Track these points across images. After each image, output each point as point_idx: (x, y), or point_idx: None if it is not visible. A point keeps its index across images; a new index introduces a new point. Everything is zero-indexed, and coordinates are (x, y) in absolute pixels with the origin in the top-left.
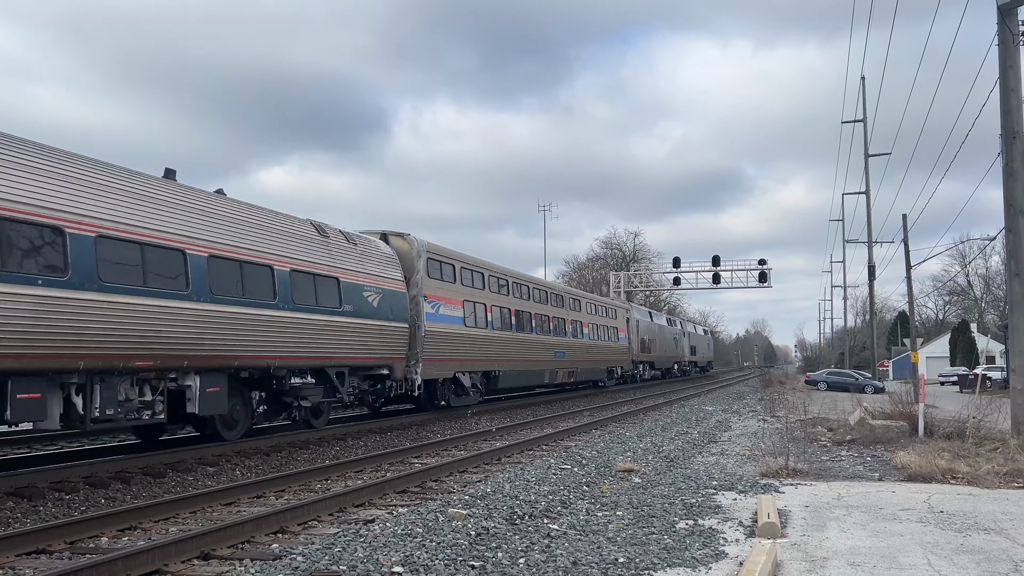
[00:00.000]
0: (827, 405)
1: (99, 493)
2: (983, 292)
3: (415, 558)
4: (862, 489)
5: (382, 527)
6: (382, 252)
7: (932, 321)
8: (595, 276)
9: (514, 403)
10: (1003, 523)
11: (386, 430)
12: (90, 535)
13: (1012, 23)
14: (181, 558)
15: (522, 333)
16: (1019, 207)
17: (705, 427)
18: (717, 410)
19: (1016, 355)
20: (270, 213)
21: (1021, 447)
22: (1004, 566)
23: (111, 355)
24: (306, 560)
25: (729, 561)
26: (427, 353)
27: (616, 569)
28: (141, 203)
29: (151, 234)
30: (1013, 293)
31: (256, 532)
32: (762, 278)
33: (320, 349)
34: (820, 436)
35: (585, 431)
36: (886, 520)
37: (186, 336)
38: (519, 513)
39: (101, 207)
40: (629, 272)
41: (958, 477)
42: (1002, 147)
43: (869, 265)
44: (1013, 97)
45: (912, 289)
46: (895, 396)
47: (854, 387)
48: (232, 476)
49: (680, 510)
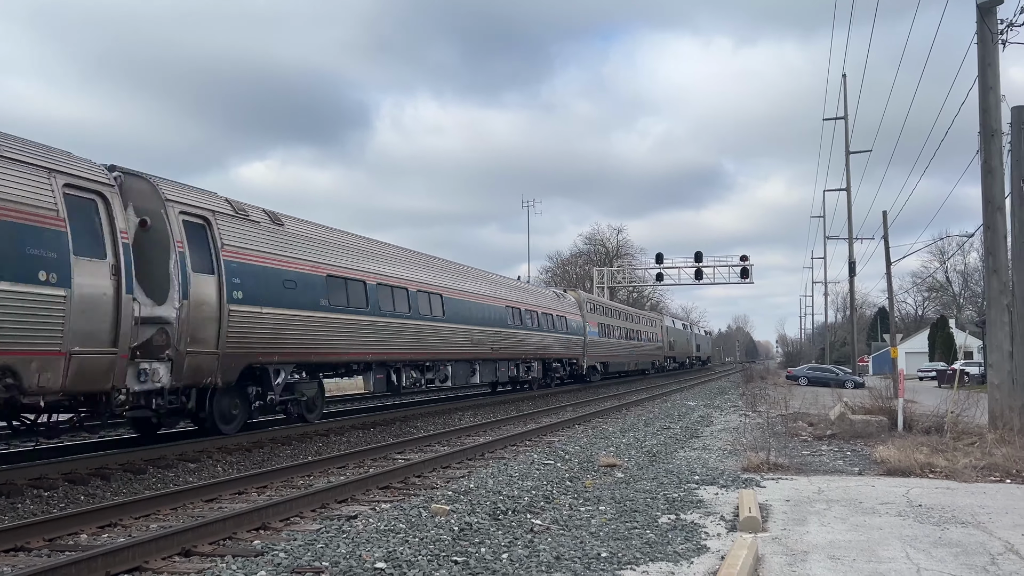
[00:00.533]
0: (808, 400)
1: (79, 490)
2: (961, 288)
3: (398, 554)
4: (842, 483)
5: (365, 523)
6: (568, 300)
7: (911, 317)
8: (578, 272)
9: (517, 395)
10: (980, 516)
11: (369, 426)
12: (69, 532)
13: (991, 22)
14: (162, 555)
15: (625, 340)
16: (997, 204)
17: (687, 422)
18: (699, 405)
19: (993, 351)
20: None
21: (998, 441)
22: (981, 559)
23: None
24: (288, 556)
25: (711, 555)
26: (588, 351)
27: (599, 564)
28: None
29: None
30: (991, 289)
31: (238, 528)
32: (744, 274)
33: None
34: (801, 431)
35: (568, 426)
36: (865, 514)
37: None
38: (502, 508)
39: (415, 273)
40: (612, 268)
41: (936, 471)
42: (981, 145)
43: (850, 261)
44: (992, 95)
45: (892, 285)
46: (875, 391)
47: (834, 382)
48: (214, 472)
49: (662, 505)
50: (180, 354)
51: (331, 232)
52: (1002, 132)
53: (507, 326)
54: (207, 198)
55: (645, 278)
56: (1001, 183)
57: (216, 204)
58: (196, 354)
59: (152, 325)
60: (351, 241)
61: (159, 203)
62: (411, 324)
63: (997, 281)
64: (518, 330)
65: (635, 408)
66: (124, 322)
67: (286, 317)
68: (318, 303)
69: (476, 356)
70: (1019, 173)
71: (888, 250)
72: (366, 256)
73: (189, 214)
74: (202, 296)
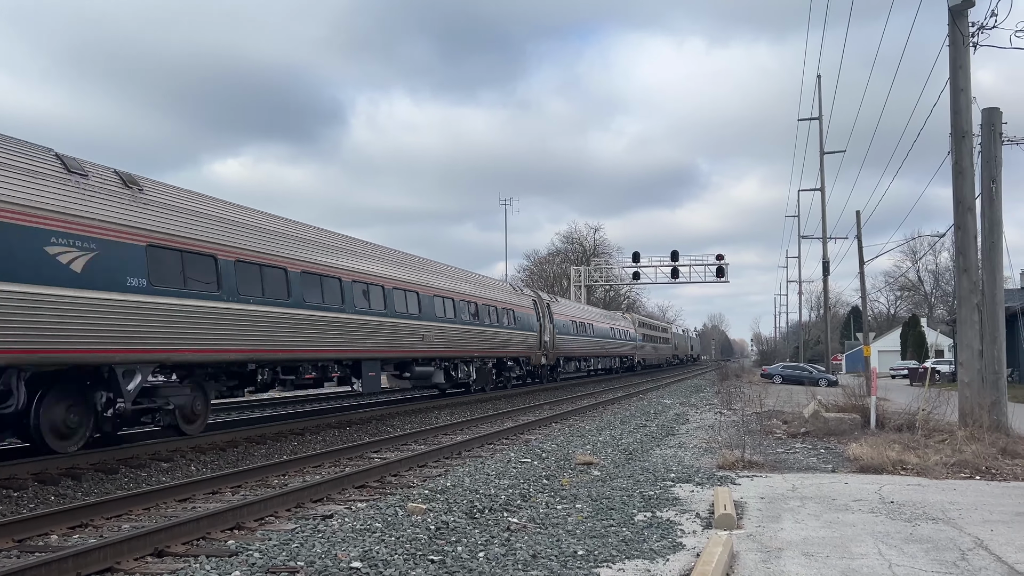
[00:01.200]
0: (782, 398)
1: (49, 490)
2: (933, 287)
3: (374, 553)
4: (816, 480)
5: (340, 522)
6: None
7: (884, 316)
8: (556, 271)
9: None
10: (950, 512)
11: (345, 424)
12: (39, 533)
13: (962, 25)
14: (134, 556)
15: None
16: (968, 204)
17: (663, 420)
18: (675, 403)
19: (964, 349)
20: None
21: (968, 439)
22: (951, 554)
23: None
24: (263, 556)
25: (686, 552)
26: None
27: (575, 562)
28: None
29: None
30: (961, 288)
31: (212, 528)
32: (719, 273)
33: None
34: (775, 429)
35: (545, 424)
36: (839, 511)
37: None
38: (479, 507)
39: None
40: (589, 267)
41: (908, 468)
42: (952, 146)
43: (824, 261)
44: (963, 97)
45: (865, 284)
46: (848, 389)
47: (808, 380)
48: (187, 472)
49: (638, 502)
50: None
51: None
52: (973, 134)
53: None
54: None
55: (622, 277)
56: (972, 184)
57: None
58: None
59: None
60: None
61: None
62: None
63: (967, 280)
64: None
65: (611, 406)
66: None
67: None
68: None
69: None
70: (989, 174)
71: (861, 249)
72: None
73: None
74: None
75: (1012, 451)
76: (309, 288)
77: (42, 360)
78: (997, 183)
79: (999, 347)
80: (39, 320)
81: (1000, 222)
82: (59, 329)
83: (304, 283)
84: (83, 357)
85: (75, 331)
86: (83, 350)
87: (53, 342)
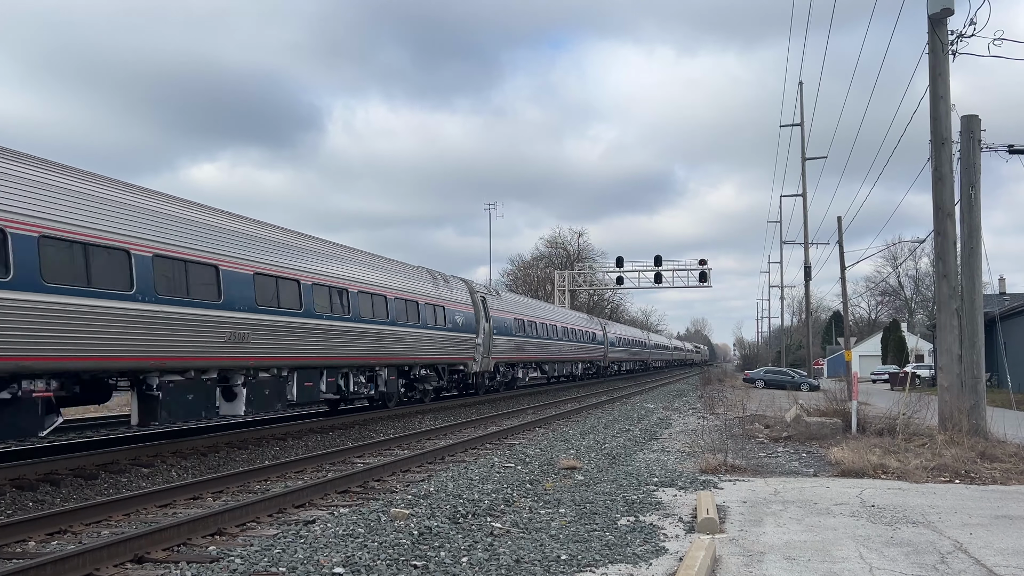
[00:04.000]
0: (765, 402)
1: (26, 496)
2: (913, 293)
3: (357, 559)
4: (798, 484)
5: (323, 528)
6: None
7: (865, 320)
8: (540, 275)
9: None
10: (930, 516)
11: (327, 429)
12: (17, 539)
13: (941, 33)
14: (113, 562)
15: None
16: (947, 210)
17: (646, 424)
18: (658, 408)
19: (943, 353)
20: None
21: (948, 443)
22: (931, 557)
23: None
24: (244, 562)
25: (669, 557)
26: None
27: (558, 566)
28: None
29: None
30: (941, 294)
31: (192, 534)
32: (702, 278)
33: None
34: (758, 433)
35: (529, 429)
36: (820, 515)
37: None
38: (462, 512)
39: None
40: (573, 271)
41: (888, 472)
42: (932, 152)
43: (805, 266)
44: (942, 104)
45: (846, 289)
46: (830, 394)
47: (790, 385)
48: (168, 477)
49: (622, 507)
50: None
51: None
52: (952, 140)
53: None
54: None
55: (606, 281)
56: (951, 190)
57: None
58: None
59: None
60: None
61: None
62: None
63: (947, 286)
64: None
65: (595, 411)
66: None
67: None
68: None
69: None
70: (968, 180)
71: (843, 255)
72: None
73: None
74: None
75: (991, 455)
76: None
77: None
78: (976, 189)
79: (978, 352)
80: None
81: (979, 228)
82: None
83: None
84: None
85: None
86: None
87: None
